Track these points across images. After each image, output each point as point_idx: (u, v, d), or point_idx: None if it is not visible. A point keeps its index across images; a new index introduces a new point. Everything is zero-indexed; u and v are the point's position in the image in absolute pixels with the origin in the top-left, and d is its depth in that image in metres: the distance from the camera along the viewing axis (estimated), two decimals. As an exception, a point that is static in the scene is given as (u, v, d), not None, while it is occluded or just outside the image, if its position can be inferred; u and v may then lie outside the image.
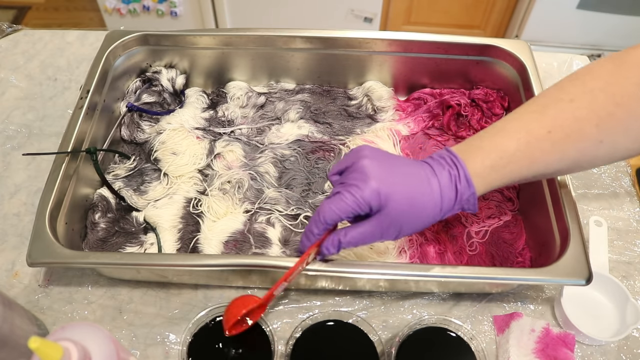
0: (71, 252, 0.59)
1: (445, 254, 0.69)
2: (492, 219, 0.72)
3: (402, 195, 0.50)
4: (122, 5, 1.99)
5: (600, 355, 0.64)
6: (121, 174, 0.74)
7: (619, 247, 0.73)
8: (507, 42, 0.78)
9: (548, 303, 0.68)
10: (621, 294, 0.66)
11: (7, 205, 0.74)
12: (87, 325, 0.47)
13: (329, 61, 0.81)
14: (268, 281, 0.67)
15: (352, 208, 0.51)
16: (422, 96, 0.83)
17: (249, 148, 0.77)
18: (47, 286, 0.67)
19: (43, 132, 0.82)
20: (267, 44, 0.78)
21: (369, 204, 0.50)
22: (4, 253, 0.70)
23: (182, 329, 0.64)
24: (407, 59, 0.80)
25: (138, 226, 0.70)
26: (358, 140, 0.77)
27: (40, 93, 0.87)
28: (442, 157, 0.54)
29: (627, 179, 0.80)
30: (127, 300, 0.67)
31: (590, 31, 1.99)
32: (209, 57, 0.80)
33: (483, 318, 0.66)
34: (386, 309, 0.66)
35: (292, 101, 0.82)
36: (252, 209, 0.71)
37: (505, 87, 0.80)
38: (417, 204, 0.51)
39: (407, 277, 0.60)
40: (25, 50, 0.93)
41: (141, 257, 0.64)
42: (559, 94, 0.54)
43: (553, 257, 0.61)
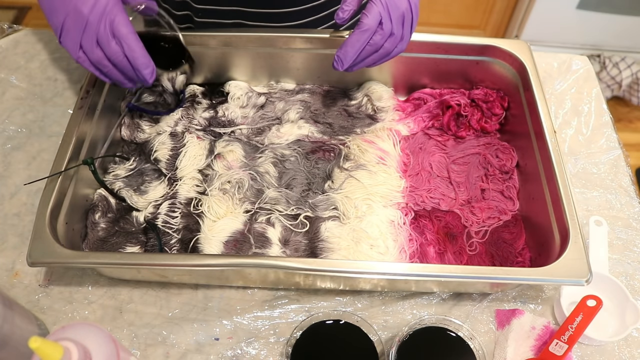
0: (71, 252, 0.59)
1: (445, 254, 0.69)
2: (492, 219, 0.72)
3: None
4: (122, 5, 1.99)
5: (600, 355, 0.64)
6: (121, 174, 0.74)
7: (619, 247, 0.73)
8: (507, 42, 0.78)
9: (548, 303, 0.68)
10: (621, 294, 0.66)
11: (8, 205, 0.74)
12: (88, 325, 0.47)
13: (329, 61, 0.80)
14: (268, 281, 0.67)
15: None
16: (422, 96, 0.83)
17: (249, 148, 0.77)
18: (48, 286, 0.67)
19: (43, 132, 0.82)
20: (267, 44, 0.78)
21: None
22: (5, 253, 0.70)
23: (182, 329, 0.64)
24: (407, 59, 0.80)
25: (138, 226, 0.70)
26: (358, 141, 0.77)
27: (41, 93, 0.87)
28: None
29: (627, 179, 0.80)
30: (128, 300, 0.67)
31: (590, 31, 1.99)
32: (208, 57, 0.80)
33: (483, 318, 0.66)
34: (386, 309, 0.67)
35: (292, 101, 0.82)
36: (252, 209, 0.71)
37: (505, 87, 0.80)
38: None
39: (407, 277, 0.60)
40: (25, 50, 0.93)
41: (141, 257, 0.64)
42: None
43: (553, 257, 0.61)
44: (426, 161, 0.77)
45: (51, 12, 0.59)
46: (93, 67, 0.61)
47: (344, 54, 0.63)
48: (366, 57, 0.65)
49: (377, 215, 0.70)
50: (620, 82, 1.96)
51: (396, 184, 0.74)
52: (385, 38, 0.63)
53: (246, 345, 0.63)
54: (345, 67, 0.65)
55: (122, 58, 0.60)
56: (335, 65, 0.65)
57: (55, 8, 0.58)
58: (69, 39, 0.59)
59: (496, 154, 0.77)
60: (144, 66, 0.61)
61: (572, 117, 0.87)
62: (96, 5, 0.58)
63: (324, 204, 0.72)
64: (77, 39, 0.59)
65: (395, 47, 0.65)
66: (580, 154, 0.82)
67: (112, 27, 0.59)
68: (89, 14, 0.57)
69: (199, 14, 0.82)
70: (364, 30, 0.62)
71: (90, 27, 0.58)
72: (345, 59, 0.64)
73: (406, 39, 0.66)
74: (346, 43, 0.63)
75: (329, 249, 0.67)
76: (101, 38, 0.59)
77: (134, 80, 0.64)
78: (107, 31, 0.58)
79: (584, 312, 0.61)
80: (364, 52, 0.64)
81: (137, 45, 0.60)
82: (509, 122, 0.80)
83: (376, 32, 0.62)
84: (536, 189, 0.69)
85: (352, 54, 0.63)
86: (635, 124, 2.05)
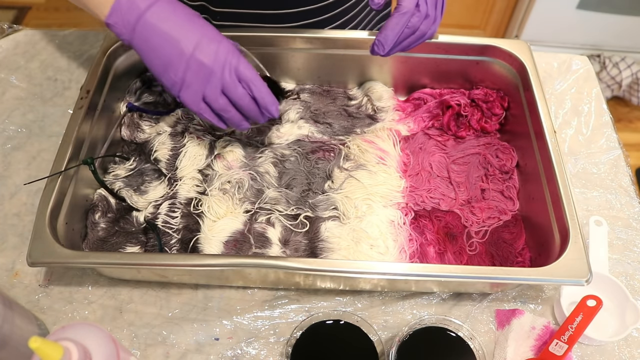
0: (71, 252, 0.59)
1: (445, 254, 0.69)
2: (492, 219, 0.72)
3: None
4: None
5: (599, 355, 0.64)
6: (121, 174, 0.74)
7: (619, 247, 0.73)
8: (507, 42, 0.78)
9: (548, 303, 0.68)
10: (621, 294, 0.66)
11: (8, 205, 0.74)
12: (88, 325, 0.47)
13: (329, 61, 0.81)
14: (268, 281, 0.67)
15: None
16: (422, 96, 0.83)
17: (249, 148, 0.77)
18: (48, 286, 0.67)
19: (43, 132, 0.82)
20: (267, 44, 0.78)
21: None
22: (4, 253, 0.70)
23: (182, 329, 0.64)
24: (407, 59, 0.80)
25: (138, 226, 0.70)
26: (358, 141, 0.77)
27: (41, 93, 0.87)
28: None
29: (627, 179, 0.80)
30: (128, 300, 0.67)
31: (590, 31, 1.99)
32: (209, 57, 0.80)
33: (483, 318, 0.66)
34: (386, 309, 0.67)
35: (292, 101, 0.82)
36: (252, 209, 0.71)
37: (505, 87, 0.80)
38: None
39: (407, 277, 0.60)
40: (25, 50, 0.93)
41: (141, 257, 0.64)
42: None
43: (553, 257, 0.61)
44: (426, 161, 0.77)
45: (166, 68, 0.59)
46: (214, 114, 0.63)
47: (384, 37, 0.64)
48: (404, 39, 0.65)
49: (377, 215, 0.70)
50: (620, 82, 1.96)
51: (396, 184, 0.74)
52: (421, 20, 0.64)
53: (246, 345, 0.63)
54: (386, 50, 0.65)
55: (249, 100, 0.62)
56: (377, 49, 0.65)
57: (171, 63, 0.59)
58: (190, 92, 0.60)
59: (496, 154, 0.77)
60: (271, 103, 0.64)
61: (572, 117, 0.87)
62: (217, 54, 0.59)
63: (324, 204, 0.72)
64: (201, 90, 0.60)
65: (429, 29, 0.66)
66: (580, 154, 0.82)
67: (238, 73, 0.61)
68: (212, 64, 0.59)
69: (217, 17, 0.82)
70: (403, 12, 0.62)
71: (215, 77, 0.59)
72: (386, 42, 0.64)
73: (438, 20, 0.67)
74: (386, 26, 0.63)
75: (329, 249, 0.67)
76: (228, 85, 0.60)
77: (254, 119, 0.66)
78: (233, 77, 0.60)
79: (584, 312, 0.61)
80: (402, 35, 0.64)
81: (263, 86, 0.62)
82: (509, 122, 0.80)
83: (414, 14, 0.63)
84: (536, 189, 0.69)
85: (393, 36, 0.63)
86: (635, 124, 2.05)
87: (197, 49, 0.59)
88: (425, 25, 0.65)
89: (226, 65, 0.60)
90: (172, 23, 0.59)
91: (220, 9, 0.81)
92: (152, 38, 0.59)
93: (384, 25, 0.64)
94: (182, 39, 0.58)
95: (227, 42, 0.62)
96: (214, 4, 0.80)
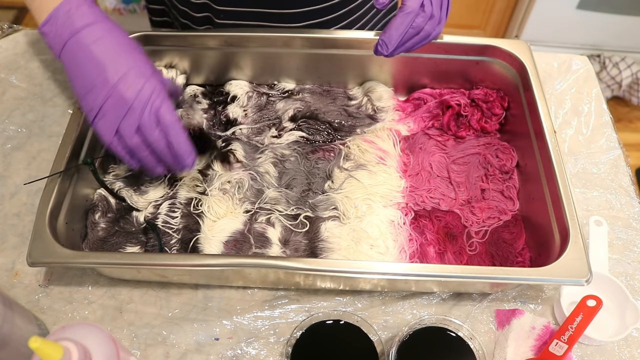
0: (71, 252, 0.59)
1: (445, 254, 0.69)
2: (492, 219, 0.72)
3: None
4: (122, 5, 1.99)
5: (599, 355, 0.64)
6: (121, 174, 0.74)
7: (619, 247, 0.73)
8: (507, 42, 0.78)
9: (548, 303, 0.68)
10: (621, 294, 0.66)
11: (8, 205, 0.74)
12: (88, 325, 0.47)
13: (329, 61, 0.81)
14: (268, 281, 0.67)
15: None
16: (422, 96, 0.83)
17: (249, 148, 0.77)
18: (48, 286, 0.67)
19: (43, 132, 0.82)
20: (267, 44, 0.78)
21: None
22: (4, 253, 0.70)
23: (182, 329, 0.64)
24: (407, 59, 0.80)
25: (138, 226, 0.70)
26: (358, 141, 0.77)
27: (41, 93, 0.87)
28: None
29: (627, 179, 0.80)
30: (128, 300, 0.67)
31: (590, 31, 1.99)
32: (209, 57, 0.80)
33: (483, 318, 0.66)
34: (386, 309, 0.67)
35: (292, 101, 0.82)
36: (252, 209, 0.71)
37: (505, 87, 0.80)
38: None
39: (407, 277, 0.60)
40: (25, 50, 0.92)
41: (141, 257, 0.64)
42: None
43: (553, 257, 0.61)
44: (426, 161, 0.77)
45: (87, 91, 0.56)
46: (126, 151, 0.59)
47: (388, 37, 0.63)
48: (408, 40, 0.64)
49: (377, 215, 0.70)
50: (620, 82, 1.96)
51: (396, 184, 0.74)
52: (426, 20, 0.63)
53: (246, 345, 0.63)
54: (390, 50, 0.64)
55: (164, 146, 0.59)
56: (380, 49, 0.64)
57: (93, 87, 0.56)
58: (105, 122, 0.57)
59: (496, 154, 0.77)
60: (186, 154, 0.60)
61: (572, 117, 0.87)
62: (142, 91, 0.56)
63: (324, 204, 0.72)
64: (115, 123, 0.57)
65: (434, 30, 0.65)
66: (580, 154, 0.82)
67: (158, 115, 0.57)
68: (133, 99, 0.56)
69: (221, 16, 0.82)
70: (407, 12, 0.61)
71: (133, 113, 0.56)
72: (390, 42, 0.63)
73: (443, 21, 0.66)
74: (390, 26, 0.63)
75: (329, 249, 0.67)
76: (145, 125, 0.57)
77: (168, 166, 0.62)
78: (152, 118, 0.57)
79: (584, 312, 0.61)
80: (407, 36, 0.64)
81: (181, 134, 0.59)
82: (509, 122, 0.80)
83: (419, 14, 0.62)
84: (536, 189, 0.69)
85: (397, 37, 0.63)
86: (635, 124, 2.05)
87: (122, 80, 0.56)
88: (430, 26, 0.64)
89: (148, 104, 0.56)
90: (104, 48, 0.56)
91: (224, 8, 0.81)
92: (80, 58, 0.56)
93: (388, 25, 0.63)
94: (109, 67, 0.56)
95: (157, 80, 0.58)
96: (217, 2, 0.80)
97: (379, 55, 0.65)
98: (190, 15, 0.85)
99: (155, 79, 0.58)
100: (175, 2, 0.85)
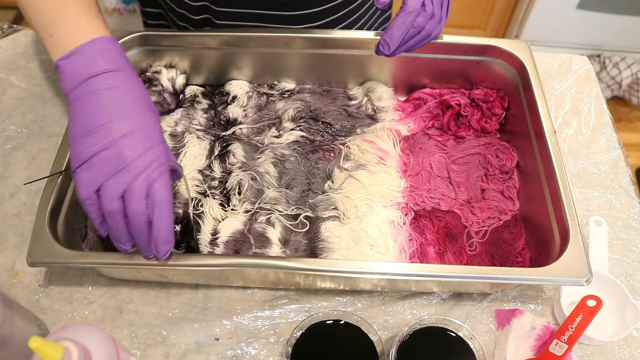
0: (71, 252, 0.59)
1: (445, 254, 0.69)
2: (492, 219, 0.72)
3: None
4: (122, 5, 1.99)
5: (599, 355, 0.64)
6: (121, 174, 0.74)
7: (619, 247, 0.73)
8: (506, 42, 0.78)
9: (548, 303, 0.68)
10: (621, 294, 0.66)
11: (8, 205, 0.74)
12: (88, 325, 0.47)
13: (329, 61, 0.81)
14: (268, 281, 0.67)
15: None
16: (422, 96, 0.83)
17: (249, 148, 0.77)
18: (48, 286, 0.67)
19: (43, 132, 0.82)
20: (267, 44, 0.78)
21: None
22: (4, 253, 0.70)
23: (182, 329, 0.64)
24: (407, 59, 0.80)
25: (138, 226, 0.69)
26: (358, 141, 0.77)
27: (41, 93, 0.87)
28: None
29: (627, 179, 0.80)
30: (128, 300, 0.67)
31: (590, 31, 1.99)
32: (209, 57, 0.80)
33: (483, 318, 0.66)
34: (386, 309, 0.67)
35: (292, 101, 0.82)
36: (252, 209, 0.71)
37: (505, 87, 0.80)
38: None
39: (407, 277, 0.60)
40: (25, 50, 0.93)
41: (141, 257, 0.64)
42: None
43: (553, 257, 0.61)
44: (426, 161, 0.77)
45: (84, 135, 0.51)
46: (98, 214, 0.52)
47: (390, 37, 0.63)
48: (409, 39, 0.64)
49: (377, 215, 0.70)
50: (620, 82, 1.96)
51: (396, 184, 0.74)
52: (427, 20, 0.63)
53: (246, 345, 0.63)
54: (391, 50, 0.64)
55: (143, 223, 0.52)
56: (382, 49, 0.64)
57: (93, 133, 0.50)
58: (89, 174, 0.50)
59: (496, 154, 0.77)
60: (166, 241, 0.53)
61: (572, 117, 0.87)
62: (144, 155, 0.51)
63: (324, 204, 0.72)
64: (100, 179, 0.50)
65: (435, 30, 0.65)
66: (580, 154, 0.82)
67: (151, 187, 0.51)
68: (132, 160, 0.50)
69: (220, 17, 0.82)
70: (409, 12, 0.61)
71: (125, 175, 0.50)
72: (391, 42, 0.63)
73: (444, 21, 0.66)
74: (391, 26, 0.62)
75: (329, 249, 0.67)
76: (132, 192, 0.50)
77: (138, 245, 0.55)
78: (142, 187, 0.50)
79: (584, 312, 0.61)
80: (408, 35, 0.63)
81: (168, 217, 0.52)
82: (509, 122, 0.80)
83: (420, 13, 0.62)
84: (536, 189, 0.69)
85: (398, 36, 0.62)
86: (635, 124, 2.05)
87: (127, 136, 0.51)
88: (431, 25, 0.64)
89: (145, 172, 0.50)
90: (119, 98, 0.52)
91: (224, 9, 0.81)
92: (91, 101, 0.52)
93: (389, 24, 0.63)
94: (117, 118, 0.51)
95: (163, 150, 0.53)
96: (216, 3, 0.80)
97: (380, 54, 0.65)
98: (189, 18, 0.84)
99: (162, 148, 0.53)
100: (173, 5, 0.84)
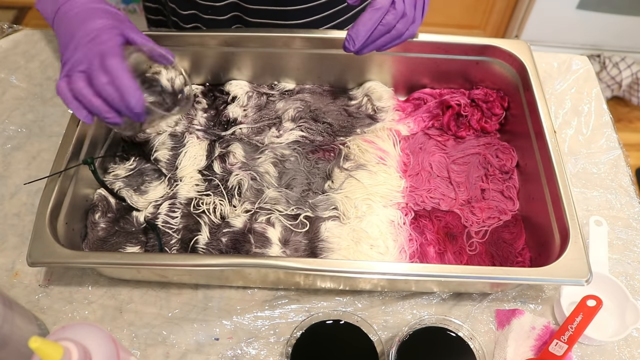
0: (71, 252, 0.59)
1: (445, 254, 0.69)
2: (492, 219, 0.72)
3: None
4: (122, 5, 1.99)
5: (599, 355, 0.64)
6: (121, 174, 0.74)
7: (619, 247, 0.73)
8: (506, 42, 0.78)
9: (548, 303, 0.68)
10: (621, 294, 0.66)
11: (8, 205, 0.74)
12: (88, 325, 0.47)
13: (329, 61, 0.81)
14: (268, 281, 0.67)
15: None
16: (422, 96, 0.83)
17: (249, 148, 0.77)
18: (48, 286, 0.67)
19: (43, 132, 0.82)
20: (267, 44, 0.78)
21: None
22: (4, 253, 0.70)
23: (182, 329, 0.64)
24: (407, 59, 0.80)
25: (138, 226, 0.70)
26: (358, 141, 0.77)
27: (41, 93, 0.87)
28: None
29: (627, 179, 0.80)
30: (128, 300, 0.67)
31: (590, 31, 1.99)
32: (208, 57, 0.80)
33: (483, 318, 0.66)
34: (386, 309, 0.67)
35: (292, 101, 0.82)
36: (252, 209, 0.71)
37: (505, 87, 0.80)
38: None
39: (407, 277, 0.60)
40: (25, 50, 0.93)
41: (141, 257, 0.64)
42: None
43: (553, 257, 0.61)
44: (426, 161, 0.77)
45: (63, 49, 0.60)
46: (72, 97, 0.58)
47: (355, 32, 0.61)
48: (377, 37, 0.62)
49: (377, 215, 0.70)
50: (620, 82, 1.96)
51: (396, 184, 0.74)
52: (397, 18, 0.61)
53: (246, 345, 0.63)
54: (357, 46, 0.62)
55: (111, 91, 0.57)
56: (347, 44, 0.62)
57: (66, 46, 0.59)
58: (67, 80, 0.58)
59: (496, 154, 0.77)
60: (130, 94, 0.57)
61: (572, 117, 0.87)
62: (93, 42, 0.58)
63: (324, 204, 0.72)
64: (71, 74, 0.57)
65: (407, 30, 0.63)
66: (580, 154, 0.82)
67: (103, 61, 0.56)
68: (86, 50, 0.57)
69: (209, 12, 0.82)
70: (376, 8, 0.60)
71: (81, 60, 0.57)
72: (357, 37, 0.61)
73: (418, 22, 0.64)
74: (358, 22, 0.61)
75: (329, 249, 0.67)
76: (91, 72, 0.57)
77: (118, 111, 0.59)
78: (96, 63, 0.57)
79: (584, 312, 0.61)
80: (376, 32, 0.62)
81: (124, 75, 0.57)
82: (509, 122, 0.80)
83: (389, 11, 0.61)
84: (536, 189, 0.69)
85: (364, 32, 0.61)
86: (635, 124, 2.05)
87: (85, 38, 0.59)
88: (402, 25, 0.62)
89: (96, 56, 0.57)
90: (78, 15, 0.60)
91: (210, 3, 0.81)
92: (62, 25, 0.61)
93: (356, 20, 0.61)
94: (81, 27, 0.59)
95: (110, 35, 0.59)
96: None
97: (347, 51, 0.63)
98: (178, 13, 0.84)
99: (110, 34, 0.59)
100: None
